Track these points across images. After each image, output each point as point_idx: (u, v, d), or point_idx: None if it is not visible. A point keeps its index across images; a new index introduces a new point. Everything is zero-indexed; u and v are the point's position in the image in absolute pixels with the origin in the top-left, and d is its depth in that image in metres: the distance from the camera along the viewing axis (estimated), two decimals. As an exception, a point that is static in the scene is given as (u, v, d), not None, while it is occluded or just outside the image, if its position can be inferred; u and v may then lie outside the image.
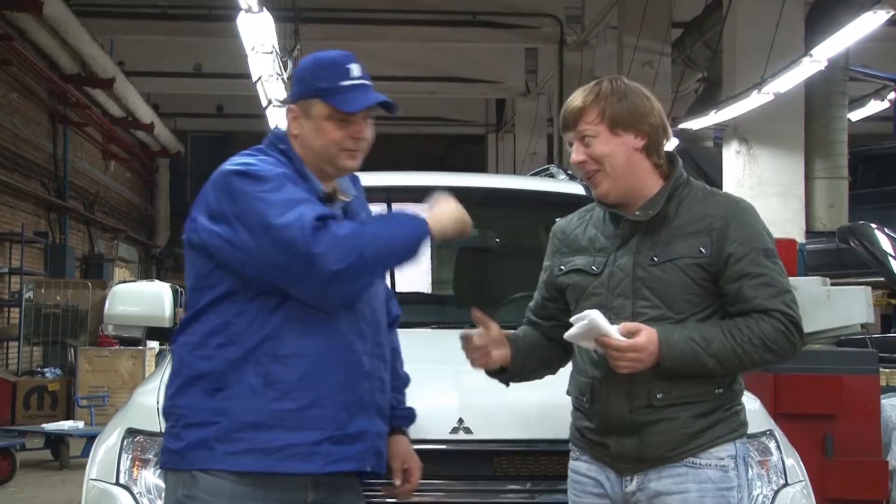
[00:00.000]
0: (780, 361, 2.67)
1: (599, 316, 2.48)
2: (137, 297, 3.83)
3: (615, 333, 2.49)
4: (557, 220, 2.91)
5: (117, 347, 12.77)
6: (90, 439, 8.60)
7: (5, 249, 14.68)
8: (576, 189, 4.42)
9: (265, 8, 10.61)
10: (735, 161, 11.00)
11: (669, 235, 2.64)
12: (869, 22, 8.89)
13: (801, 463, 3.14)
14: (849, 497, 5.83)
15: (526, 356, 2.79)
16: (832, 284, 5.10)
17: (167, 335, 3.67)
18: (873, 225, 9.67)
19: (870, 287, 4.90)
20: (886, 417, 6.47)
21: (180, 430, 2.51)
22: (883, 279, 9.81)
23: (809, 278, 5.53)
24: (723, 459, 2.60)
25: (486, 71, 20.58)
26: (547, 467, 2.90)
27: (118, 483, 2.95)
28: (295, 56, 14.38)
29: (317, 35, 16.56)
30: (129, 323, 3.82)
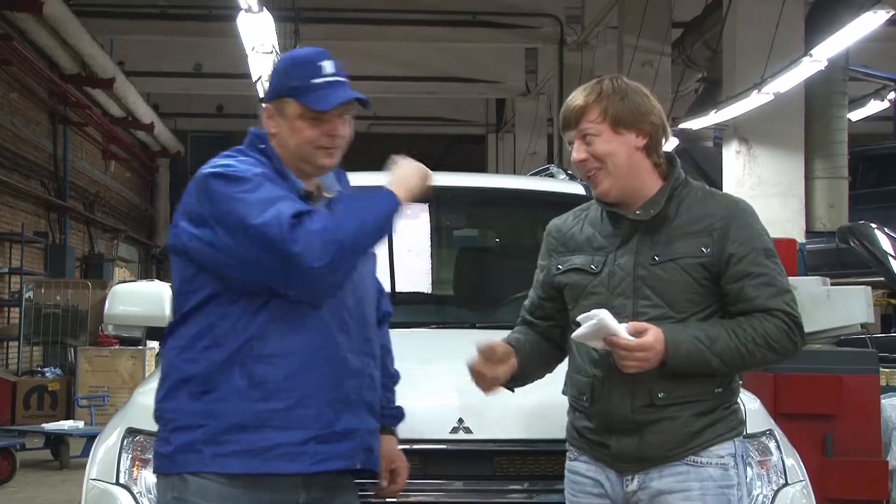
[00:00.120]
0: (782, 361, 2.68)
1: (608, 315, 2.47)
2: (137, 297, 3.83)
3: (624, 333, 2.49)
4: (552, 220, 2.90)
5: (117, 347, 12.78)
6: (90, 439, 8.60)
7: (5, 249, 14.68)
8: (576, 189, 4.42)
9: (265, 8, 10.61)
10: (735, 161, 11.00)
11: (670, 235, 2.64)
12: (869, 22, 8.89)
13: (801, 463, 3.14)
14: (849, 497, 5.83)
15: (529, 360, 2.79)
16: (832, 284, 5.09)
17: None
18: (873, 225, 9.66)
19: (870, 287, 4.89)
20: (886, 417, 6.47)
21: (168, 434, 2.51)
22: (883, 279, 9.80)
23: (809, 278, 5.52)
24: (723, 458, 2.61)
25: (486, 71, 20.58)
26: (547, 467, 2.90)
27: (118, 483, 2.95)
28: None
29: (317, 35, 16.55)
30: (129, 323, 3.82)
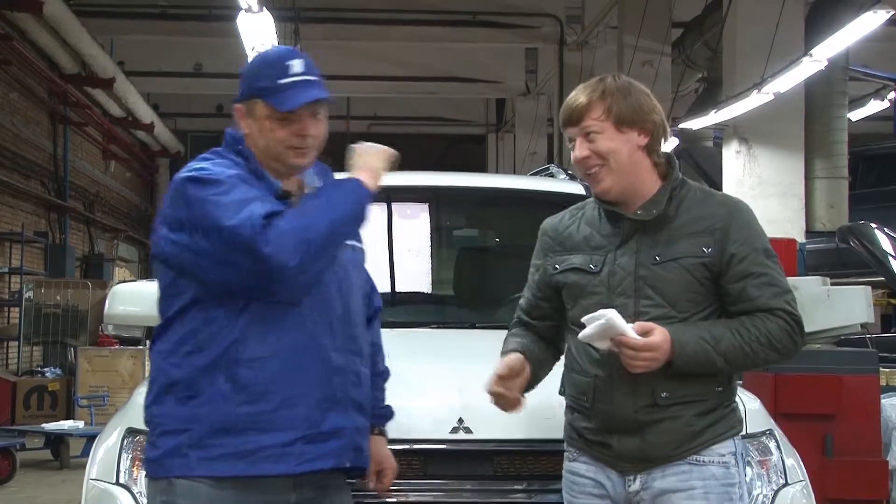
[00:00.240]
0: (783, 360, 2.68)
1: (616, 315, 2.47)
2: (137, 297, 3.82)
3: (632, 332, 2.48)
4: (546, 219, 2.89)
5: (117, 347, 12.78)
6: (90, 439, 8.59)
7: (5, 249, 14.68)
8: (576, 189, 4.42)
9: (265, 8, 10.60)
10: (735, 161, 11.00)
11: (671, 235, 2.64)
12: (869, 22, 8.88)
13: (801, 463, 3.14)
14: (849, 497, 5.83)
15: (538, 365, 2.78)
16: (832, 284, 5.08)
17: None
18: (873, 225, 9.65)
19: (870, 287, 4.87)
20: (886, 417, 6.47)
21: (156, 439, 2.52)
22: (883, 279, 9.79)
23: (809, 278, 5.51)
24: (724, 456, 2.62)
25: (486, 71, 20.57)
26: (547, 467, 2.90)
27: (118, 483, 2.95)
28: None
29: (317, 35, 16.55)
30: (129, 323, 3.81)
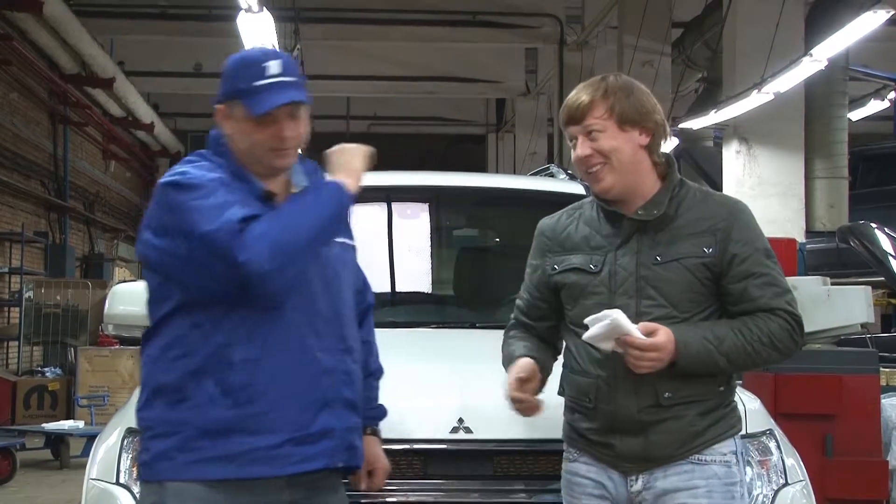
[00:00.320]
0: (783, 360, 2.69)
1: (622, 315, 2.46)
2: (137, 297, 3.78)
3: (637, 332, 2.48)
4: (542, 219, 2.88)
5: (117, 347, 12.77)
6: (90, 439, 8.59)
7: (5, 249, 14.68)
8: (576, 189, 4.42)
9: (265, 8, 10.60)
10: (735, 161, 11.01)
11: (672, 235, 2.64)
12: (869, 22, 8.89)
13: (801, 463, 3.14)
14: (849, 497, 5.83)
15: (545, 367, 2.77)
16: (832, 284, 5.08)
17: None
18: (873, 225, 9.66)
19: (870, 287, 4.88)
20: (886, 417, 6.47)
21: (147, 442, 2.52)
22: (883, 279, 9.80)
23: (809, 278, 5.51)
24: (725, 455, 2.63)
25: (486, 71, 20.58)
26: (547, 467, 2.90)
27: (118, 483, 2.95)
28: (295, 56, 14.35)
29: (317, 35, 16.56)
30: (129, 323, 3.80)
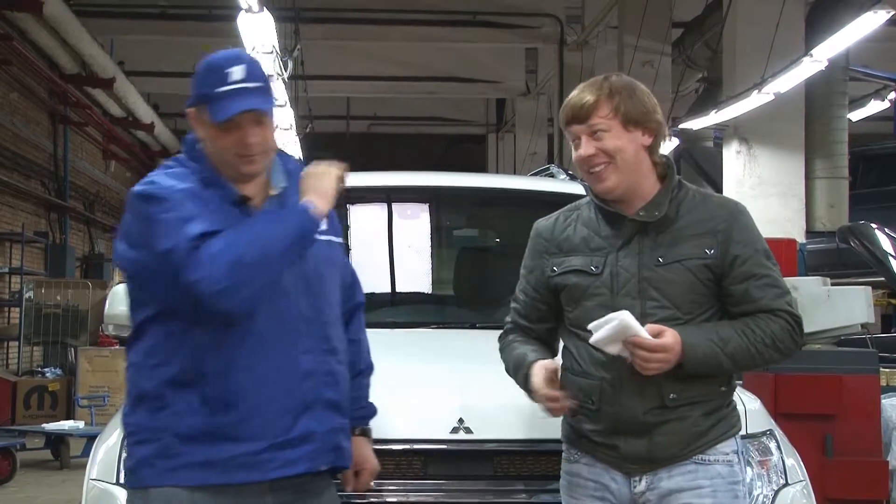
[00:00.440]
0: (784, 360, 2.70)
1: (629, 317, 2.46)
2: (137, 298, 3.81)
3: (645, 334, 2.47)
4: (538, 221, 2.87)
5: (117, 347, 12.74)
6: (90, 439, 8.60)
7: (5, 249, 14.68)
8: (576, 189, 4.41)
9: (265, 8, 10.60)
10: (735, 161, 11.01)
11: (673, 237, 2.64)
12: (869, 22, 8.89)
13: (802, 463, 3.14)
14: (849, 497, 5.83)
15: None
16: (832, 284, 5.09)
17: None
18: (873, 225, 9.66)
19: (870, 287, 4.89)
20: (886, 417, 6.47)
21: (131, 448, 2.54)
22: (883, 279, 9.80)
23: (809, 278, 5.52)
24: (727, 455, 2.64)
25: (486, 71, 20.58)
26: (547, 467, 2.90)
27: (118, 483, 2.94)
28: (295, 56, 14.36)
29: (317, 35, 16.55)
30: (129, 323, 3.81)
